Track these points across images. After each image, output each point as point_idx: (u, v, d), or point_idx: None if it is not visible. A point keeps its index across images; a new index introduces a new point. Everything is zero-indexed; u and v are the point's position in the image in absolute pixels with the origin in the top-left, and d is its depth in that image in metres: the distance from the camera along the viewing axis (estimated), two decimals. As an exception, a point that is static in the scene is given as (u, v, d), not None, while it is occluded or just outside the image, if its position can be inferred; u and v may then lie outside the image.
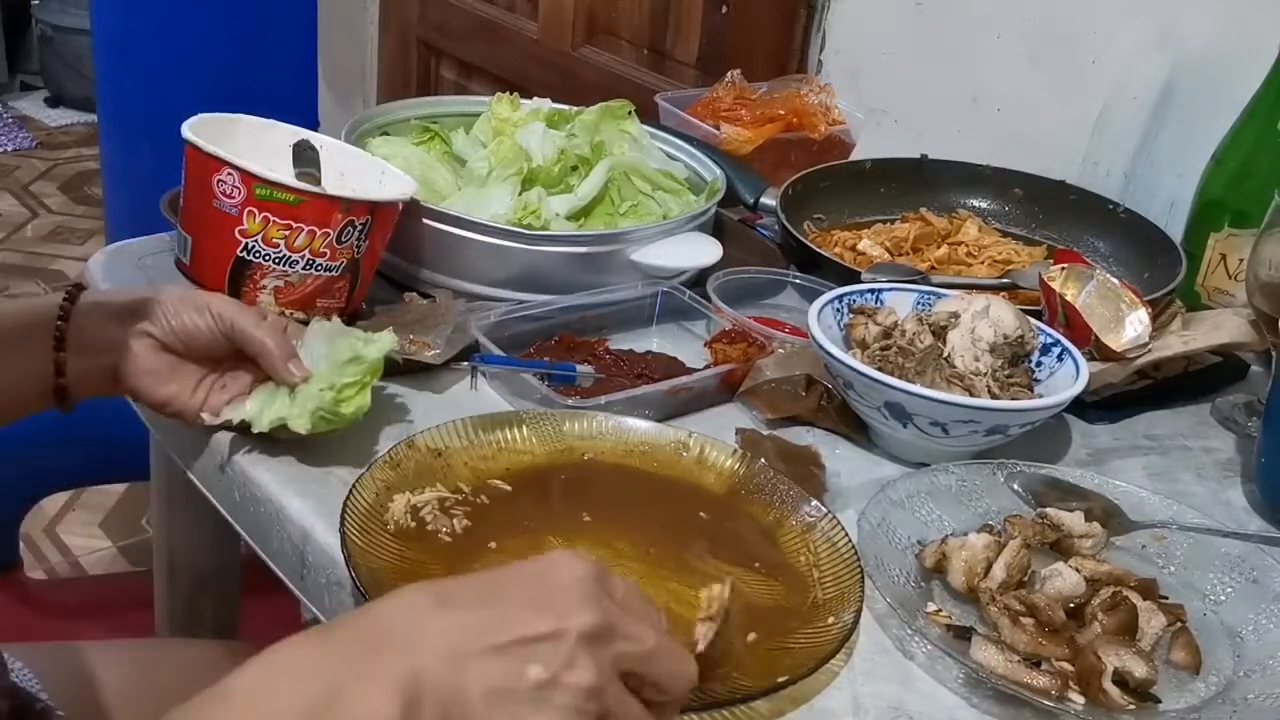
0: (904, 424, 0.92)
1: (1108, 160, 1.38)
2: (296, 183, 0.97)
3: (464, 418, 0.89)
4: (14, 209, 3.59)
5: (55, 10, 4.00)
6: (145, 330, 0.86)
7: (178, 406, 0.87)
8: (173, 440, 0.98)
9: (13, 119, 4.10)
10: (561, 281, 1.09)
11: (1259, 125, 1.16)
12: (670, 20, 1.97)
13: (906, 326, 0.98)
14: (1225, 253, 1.18)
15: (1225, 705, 0.73)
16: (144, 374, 0.86)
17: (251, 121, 1.06)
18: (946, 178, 1.38)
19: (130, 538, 2.28)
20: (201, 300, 0.87)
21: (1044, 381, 0.98)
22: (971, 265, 1.25)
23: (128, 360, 0.86)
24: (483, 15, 2.33)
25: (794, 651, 0.73)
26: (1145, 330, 1.02)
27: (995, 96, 1.50)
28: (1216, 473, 1.01)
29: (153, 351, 0.86)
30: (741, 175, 1.29)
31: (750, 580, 0.80)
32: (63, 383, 0.86)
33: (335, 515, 0.78)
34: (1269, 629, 0.80)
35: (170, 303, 0.86)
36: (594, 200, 1.17)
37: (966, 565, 0.80)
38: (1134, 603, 0.78)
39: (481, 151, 1.21)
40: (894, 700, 0.74)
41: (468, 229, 1.07)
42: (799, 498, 0.86)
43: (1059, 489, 0.91)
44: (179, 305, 0.86)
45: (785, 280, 1.17)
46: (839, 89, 1.55)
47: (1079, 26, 1.40)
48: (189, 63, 2.58)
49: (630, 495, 0.87)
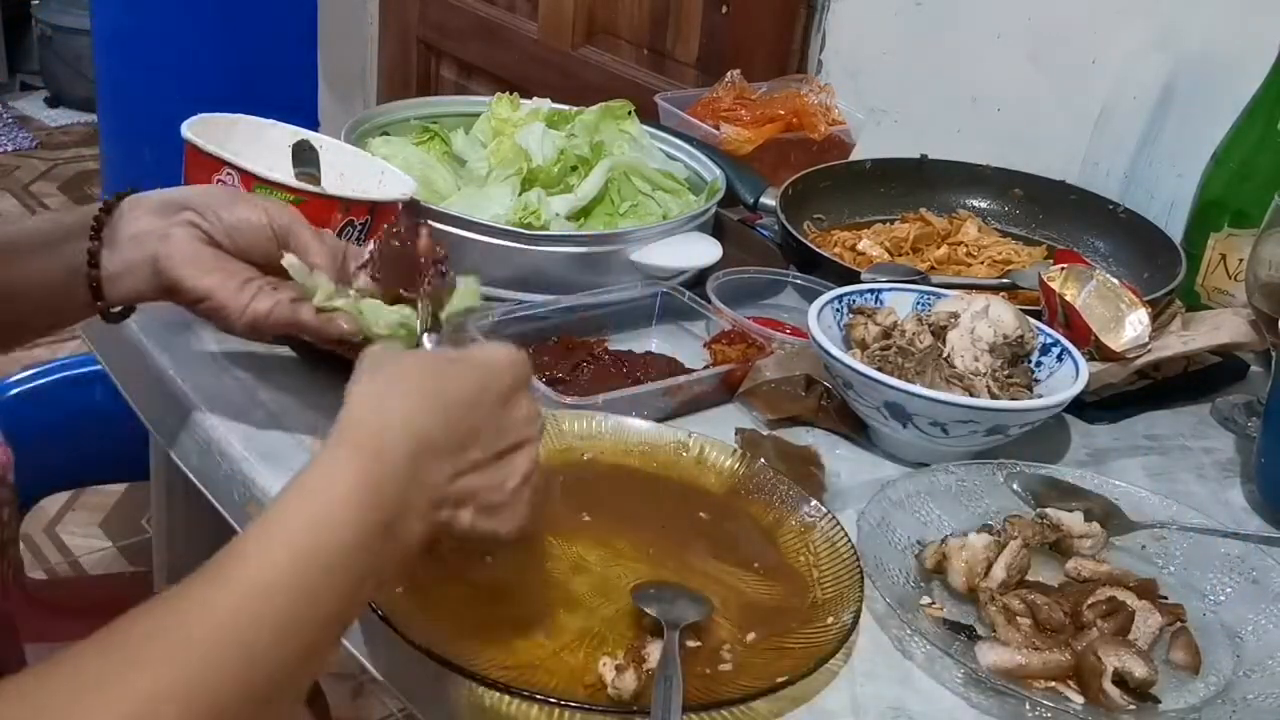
0: (904, 424, 0.92)
1: (1108, 160, 1.38)
2: (296, 183, 0.97)
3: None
4: (14, 209, 3.59)
5: (55, 10, 4.00)
6: (191, 220, 0.81)
7: (219, 300, 0.80)
8: (173, 440, 0.98)
9: (13, 119, 4.09)
10: (561, 281, 1.09)
11: (1259, 125, 1.16)
12: (670, 20, 1.97)
13: (906, 326, 0.98)
14: (1225, 253, 1.18)
15: (1225, 705, 0.73)
16: (186, 262, 0.80)
17: (251, 121, 1.06)
18: (946, 178, 1.38)
19: (130, 538, 2.28)
20: (259, 200, 0.83)
21: (1044, 381, 0.98)
22: (971, 265, 1.25)
23: (169, 247, 0.80)
24: (483, 15, 2.33)
25: (793, 652, 0.73)
26: (1145, 330, 1.02)
27: (995, 96, 1.50)
28: (1216, 473, 1.01)
29: (197, 241, 0.81)
30: (741, 175, 1.29)
31: (750, 580, 0.80)
32: (96, 274, 0.81)
33: (335, 515, 0.77)
34: (1269, 629, 0.80)
35: (222, 196, 0.82)
36: (594, 200, 1.17)
37: (966, 565, 0.80)
38: (1131, 608, 0.78)
39: (481, 152, 1.21)
40: (894, 700, 0.74)
41: (468, 229, 1.07)
42: (799, 498, 0.86)
43: (1059, 489, 0.91)
44: (232, 200, 0.82)
45: (785, 280, 1.17)
46: (839, 89, 1.55)
47: (1079, 26, 1.40)
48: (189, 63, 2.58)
49: (630, 495, 0.87)
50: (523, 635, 0.72)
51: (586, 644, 0.72)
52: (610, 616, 0.75)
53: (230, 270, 0.81)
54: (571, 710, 0.67)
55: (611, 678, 0.68)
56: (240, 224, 0.81)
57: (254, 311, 0.80)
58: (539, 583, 0.77)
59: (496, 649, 0.71)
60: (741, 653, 0.73)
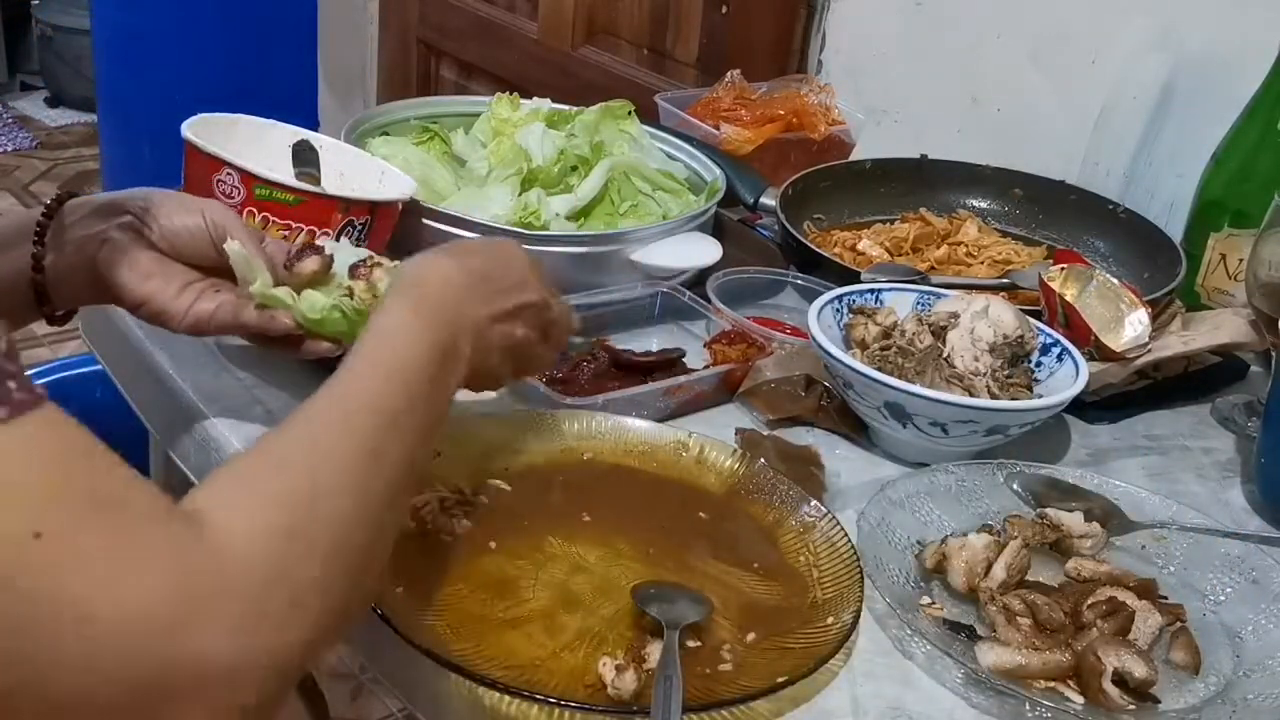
0: (904, 424, 0.92)
1: (1108, 160, 1.38)
2: (296, 183, 0.97)
3: (463, 418, 0.89)
4: (14, 209, 3.59)
5: (55, 10, 4.00)
6: (131, 225, 0.81)
7: (159, 305, 0.81)
8: (173, 440, 0.98)
9: (13, 119, 4.09)
10: (561, 281, 1.08)
11: (1259, 125, 1.16)
12: (670, 20, 1.97)
13: (906, 326, 0.98)
14: (1225, 253, 1.18)
15: (1225, 705, 0.73)
16: (125, 268, 0.80)
17: (251, 121, 1.06)
18: (946, 178, 1.38)
19: (130, 538, 2.27)
20: (195, 203, 0.83)
21: (1044, 381, 0.98)
22: (971, 265, 1.25)
23: (108, 252, 0.80)
24: (483, 15, 2.33)
25: (793, 651, 0.73)
26: (1145, 330, 1.02)
27: (995, 96, 1.50)
28: (1216, 473, 1.01)
29: (137, 246, 0.81)
30: (741, 175, 1.29)
31: (750, 580, 0.80)
32: (39, 279, 0.81)
33: (335, 515, 0.77)
34: (1269, 629, 0.80)
35: (162, 201, 0.82)
36: (594, 200, 1.17)
37: (966, 565, 0.80)
38: (1131, 608, 0.78)
39: (481, 151, 1.21)
40: (894, 700, 0.74)
41: (468, 229, 1.07)
42: (799, 498, 0.86)
43: (1059, 489, 0.91)
44: (171, 204, 0.82)
45: (785, 280, 1.17)
46: (839, 89, 1.55)
47: (1079, 26, 1.40)
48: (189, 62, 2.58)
49: (630, 495, 0.87)
50: (523, 635, 0.72)
51: (586, 644, 0.72)
52: (610, 616, 0.75)
53: (169, 274, 0.81)
54: (571, 710, 0.67)
55: (611, 678, 0.68)
56: (178, 229, 0.81)
57: (196, 314, 0.81)
58: (539, 582, 0.77)
59: (496, 649, 0.71)
60: (741, 653, 0.73)
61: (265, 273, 0.80)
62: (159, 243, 0.82)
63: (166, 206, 0.82)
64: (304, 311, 0.80)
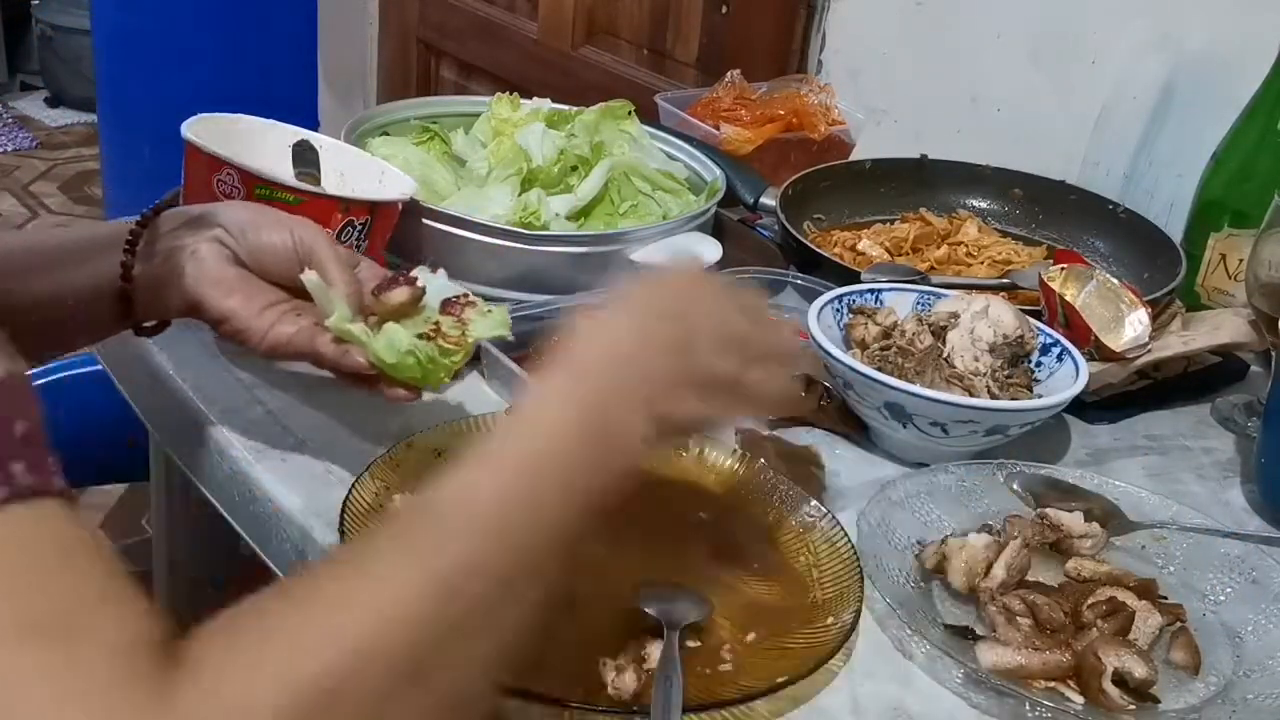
0: (904, 424, 0.92)
1: (1108, 160, 1.38)
2: (296, 183, 0.97)
3: (464, 418, 0.89)
4: (14, 209, 3.59)
5: (55, 10, 4.00)
6: (219, 239, 0.81)
7: (239, 323, 0.80)
8: (173, 440, 0.99)
9: (13, 119, 4.10)
10: (561, 281, 1.09)
11: (1259, 125, 1.16)
12: (670, 20, 1.97)
13: (906, 327, 0.98)
14: (1225, 253, 1.18)
15: (1225, 705, 0.73)
16: (210, 282, 0.80)
17: (251, 121, 1.06)
18: (946, 178, 1.38)
19: (130, 538, 2.28)
20: (286, 221, 0.82)
21: (1044, 381, 0.98)
22: (971, 265, 1.25)
23: (195, 266, 0.80)
24: (483, 15, 2.33)
25: (793, 652, 0.73)
26: (1145, 330, 1.02)
27: (995, 96, 1.50)
28: (1216, 473, 1.01)
29: (223, 261, 0.80)
30: (741, 175, 1.29)
31: (750, 580, 0.80)
32: (127, 288, 0.80)
33: (334, 515, 0.78)
34: (1269, 629, 0.80)
35: (253, 217, 0.81)
36: (594, 200, 1.17)
37: (966, 565, 0.80)
38: (1131, 608, 0.78)
39: (481, 151, 1.21)
40: (894, 700, 0.74)
41: (468, 229, 1.07)
42: (799, 498, 0.86)
43: (1059, 489, 0.91)
44: (262, 220, 0.81)
45: (785, 280, 1.17)
46: (839, 89, 1.55)
47: (1079, 26, 1.40)
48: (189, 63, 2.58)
49: (630, 495, 0.87)
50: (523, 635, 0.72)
51: (586, 644, 0.72)
52: (610, 616, 0.75)
53: (253, 292, 0.81)
54: (571, 710, 0.67)
55: (611, 678, 0.68)
56: (265, 247, 0.81)
57: (275, 336, 0.80)
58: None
59: (496, 649, 0.71)
60: (741, 653, 0.73)
61: (344, 305, 0.79)
62: (246, 259, 0.81)
63: (257, 222, 0.81)
64: (379, 351, 0.78)
